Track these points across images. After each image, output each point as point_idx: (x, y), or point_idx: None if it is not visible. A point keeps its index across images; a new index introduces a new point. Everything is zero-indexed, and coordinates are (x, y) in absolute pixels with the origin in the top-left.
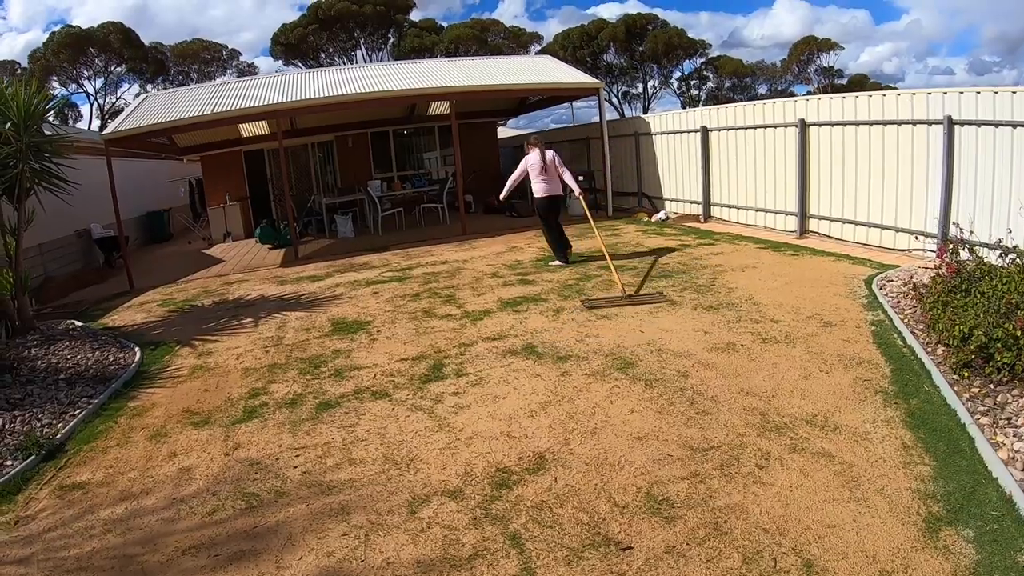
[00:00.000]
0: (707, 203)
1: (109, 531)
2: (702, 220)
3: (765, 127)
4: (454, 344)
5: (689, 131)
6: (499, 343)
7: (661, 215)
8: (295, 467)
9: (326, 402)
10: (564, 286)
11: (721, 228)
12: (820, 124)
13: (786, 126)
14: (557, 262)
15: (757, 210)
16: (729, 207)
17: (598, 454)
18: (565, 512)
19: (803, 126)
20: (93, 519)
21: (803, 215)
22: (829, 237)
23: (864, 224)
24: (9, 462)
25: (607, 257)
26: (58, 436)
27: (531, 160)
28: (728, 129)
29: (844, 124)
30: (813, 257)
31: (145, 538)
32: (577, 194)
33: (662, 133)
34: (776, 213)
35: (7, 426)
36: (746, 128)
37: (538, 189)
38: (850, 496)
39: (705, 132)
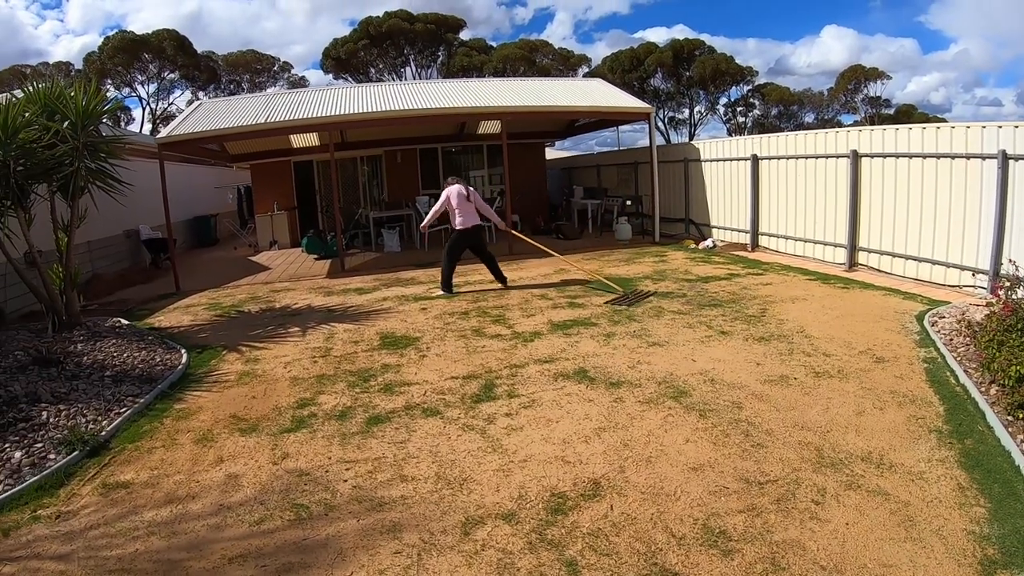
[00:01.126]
0: (755, 232)
1: (153, 533)
2: (750, 249)
3: (816, 157)
4: (505, 365)
5: (739, 159)
6: (551, 366)
7: (708, 243)
8: (345, 480)
9: (376, 417)
10: (614, 311)
11: (769, 258)
12: (872, 155)
13: (838, 156)
14: (441, 292)
15: (806, 241)
16: (777, 237)
17: (654, 483)
18: (622, 541)
19: (855, 157)
20: (137, 520)
21: (853, 247)
22: (878, 271)
23: (914, 259)
24: (52, 456)
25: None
26: (103, 433)
27: (453, 192)
28: (779, 158)
29: (896, 156)
30: (863, 291)
31: (191, 543)
32: (502, 227)
33: (712, 160)
34: (825, 245)
35: (51, 420)
36: (797, 158)
37: (458, 222)
38: (906, 536)
39: (756, 160)
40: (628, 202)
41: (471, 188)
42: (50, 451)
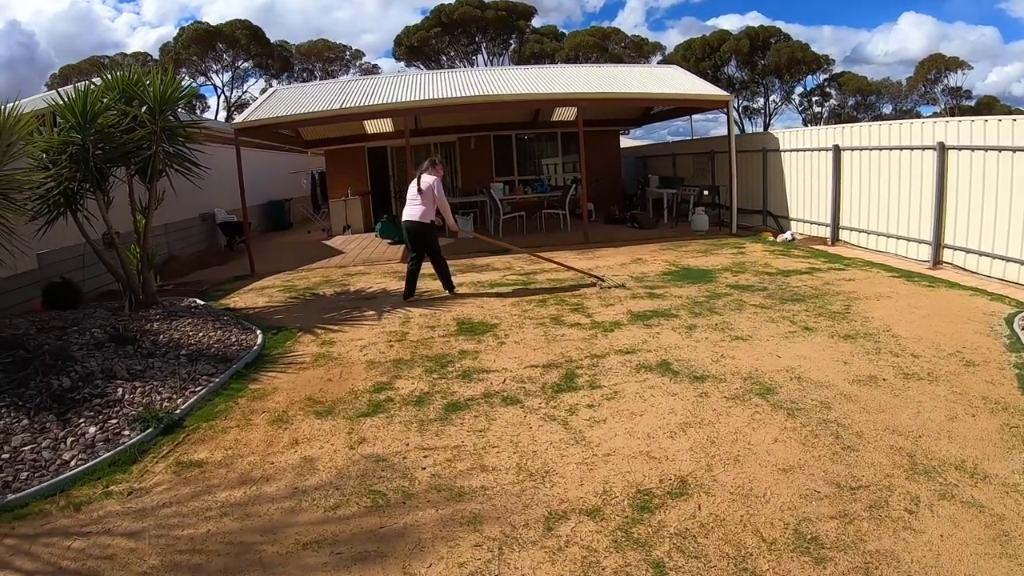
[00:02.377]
0: (835, 226)
1: (226, 515)
2: (829, 243)
3: (901, 148)
4: (586, 355)
5: (820, 149)
6: (632, 357)
7: (787, 235)
8: (423, 468)
9: (454, 404)
10: (694, 302)
11: (849, 252)
12: (960, 148)
13: (923, 148)
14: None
15: (888, 236)
16: (858, 231)
17: (742, 483)
18: (710, 543)
19: (942, 149)
20: (210, 500)
21: (937, 245)
22: (963, 269)
23: (1003, 258)
24: (127, 432)
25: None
26: (177, 411)
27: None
28: (861, 149)
29: (986, 149)
30: (949, 290)
31: (264, 527)
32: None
33: (791, 150)
34: (908, 240)
35: (126, 396)
36: (880, 149)
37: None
38: (1002, 552)
39: (837, 151)
40: (705, 192)
41: (433, 178)
42: (124, 427)
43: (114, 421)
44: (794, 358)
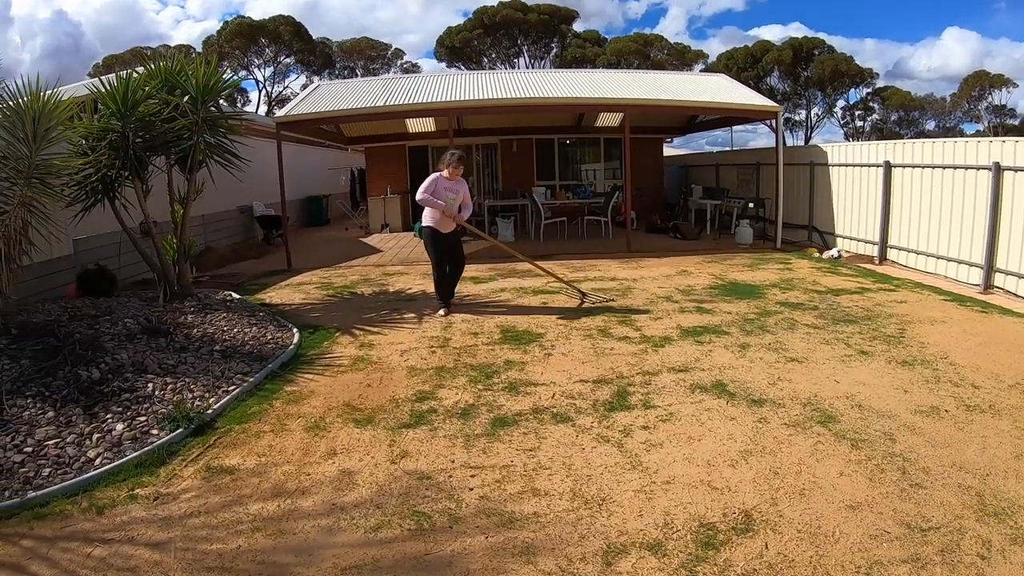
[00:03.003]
0: (884, 244)
1: (258, 529)
2: (877, 262)
3: (955, 167)
4: (637, 371)
5: (870, 165)
6: (686, 376)
7: (833, 252)
8: (471, 489)
9: (502, 418)
10: (744, 319)
11: (898, 272)
12: (1016, 169)
13: (978, 168)
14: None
15: (937, 257)
16: (907, 251)
17: (810, 520)
18: None
19: (998, 170)
20: (241, 512)
21: (989, 268)
22: (1015, 295)
23: None
24: (155, 431)
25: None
26: (209, 411)
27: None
28: (913, 166)
29: None
30: (1003, 317)
31: (299, 546)
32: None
33: (840, 165)
34: (959, 263)
35: (156, 392)
36: (933, 167)
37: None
38: None
39: (888, 168)
40: (750, 204)
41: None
42: (153, 426)
43: (143, 418)
44: (853, 384)
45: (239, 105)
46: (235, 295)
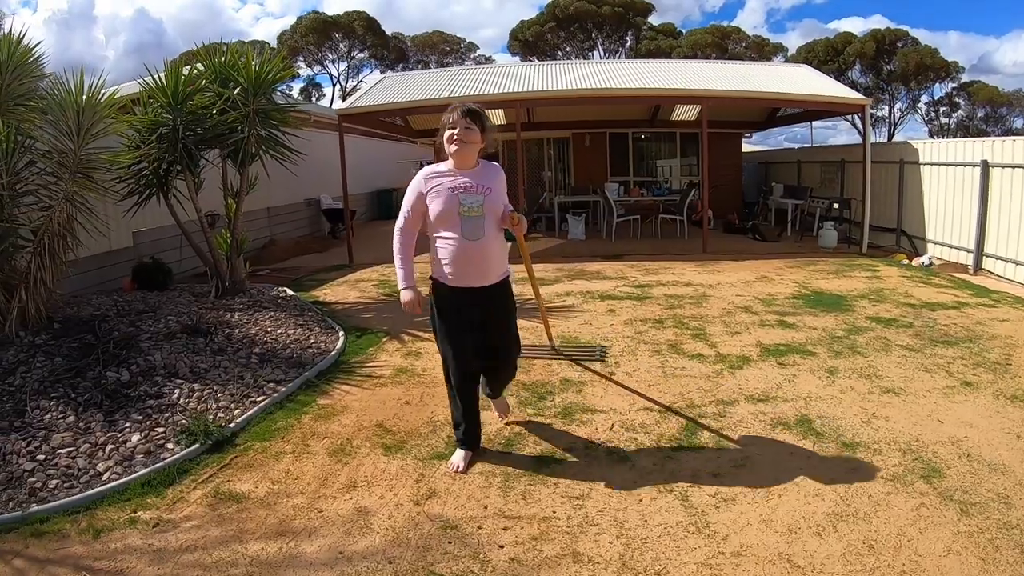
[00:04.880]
0: (979, 252)
1: (253, 574)
2: (971, 271)
3: None
4: (710, 398)
5: (966, 164)
6: (766, 407)
7: (924, 259)
8: (500, 547)
9: (549, 455)
10: (832, 337)
11: (995, 285)
12: None
13: None
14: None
15: None
16: (1005, 260)
17: None
18: None
19: None
20: (239, 552)
21: None
22: None
23: None
24: (171, 445)
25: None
26: (231, 424)
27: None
28: (1015, 167)
29: None
30: None
31: None
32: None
33: (932, 164)
34: None
35: (181, 400)
36: None
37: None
38: None
39: (986, 167)
40: (835, 205)
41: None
42: (170, 439)
43: (161, 429)
44: (958, 425)
45: (313, 100)
46: (290, 292)
